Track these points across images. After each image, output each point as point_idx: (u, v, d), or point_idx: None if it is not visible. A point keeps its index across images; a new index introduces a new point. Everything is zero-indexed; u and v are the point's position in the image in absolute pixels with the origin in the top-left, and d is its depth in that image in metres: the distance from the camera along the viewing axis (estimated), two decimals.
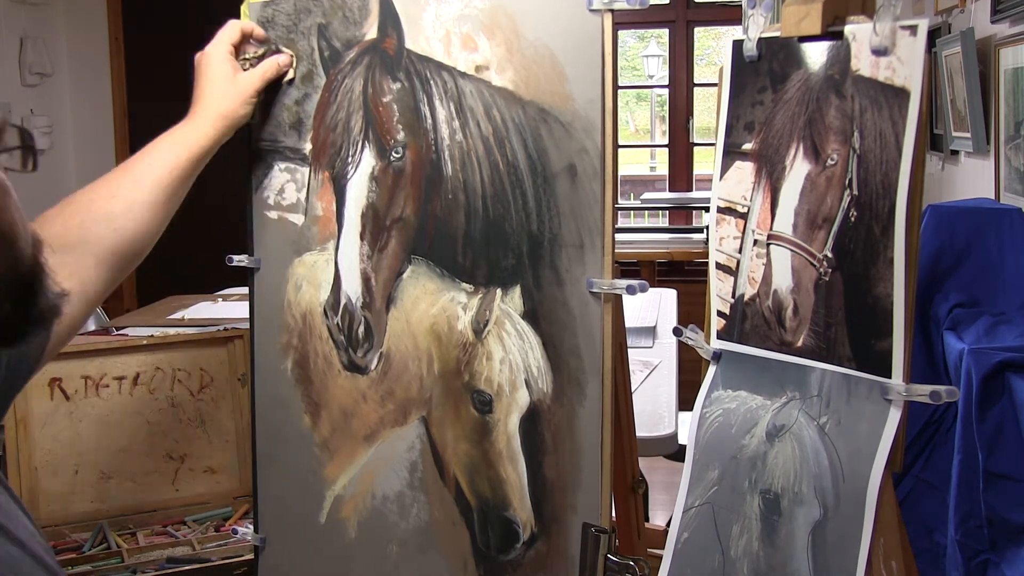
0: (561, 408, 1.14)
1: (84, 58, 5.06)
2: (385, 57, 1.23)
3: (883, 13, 0.98)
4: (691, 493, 1.19)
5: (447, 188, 1.19)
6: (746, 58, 1.14)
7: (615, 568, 1.11)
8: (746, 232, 1.15)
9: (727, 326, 1.18)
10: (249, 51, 1.29)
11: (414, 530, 1.26)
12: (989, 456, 1.71)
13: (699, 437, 1.20)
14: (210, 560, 1.54)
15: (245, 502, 1.72)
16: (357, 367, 1.27)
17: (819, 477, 1.06)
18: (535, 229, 1.14)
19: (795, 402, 1.10)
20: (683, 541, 1.19)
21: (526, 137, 1.14)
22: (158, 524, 1.69)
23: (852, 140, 1.03)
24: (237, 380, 1.76)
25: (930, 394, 0.98)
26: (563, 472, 1.14)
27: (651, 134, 9.15)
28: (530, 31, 1.13)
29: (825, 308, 1.06)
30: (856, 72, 1.02)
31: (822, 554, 1.05)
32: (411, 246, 1.23)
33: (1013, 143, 2.52)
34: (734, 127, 1.16)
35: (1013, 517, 1.70)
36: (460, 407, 1.20)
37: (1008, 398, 1.71)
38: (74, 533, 1.64)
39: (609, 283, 1.10)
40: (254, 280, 1.36)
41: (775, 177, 1.11)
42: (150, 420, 1.72)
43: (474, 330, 1.19)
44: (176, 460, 1.73)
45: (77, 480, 1.67)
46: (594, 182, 1.10)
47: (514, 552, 1.19)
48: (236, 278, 1.51)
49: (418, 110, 1.21)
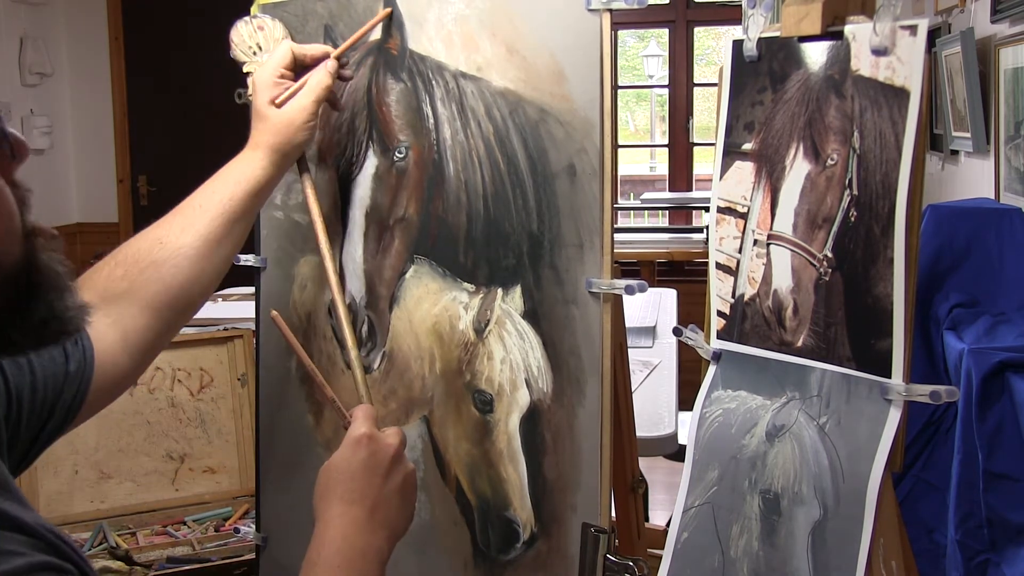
0: (561, 408, 1.14)
1: (84, 58, 5.06)
2: (389, 58, 1.23)
3: (883, 13, 0.98)
4: (691, 493, 1.19)
5: (449, 188, 1.19)
6: (746, 58, 1.14)
7: (615, 568, 1.11)
8: (746, 232, 1.15)
9: (727, 326, 1.18)
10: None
11: (415, 529, 1.26)
12: (989, 456, 1.71)
13: (699, 437, 1.20)
14: (210, 560, 1.55)
15: (245, 502, 1.72)
16: None
17: (819, 477, 1.06)
18: (535, 229, 1.14)
19: (795, 402, 1.10)
20: (683, 541, 1.19)
21: (526, 137, 1.14)
22: (158, 524, 1.69)
23: (852, 140, 1.03)
24: (237, 380, 1.76)
25: (930, 394, 0.98)
26: (563, 472, 1.14)
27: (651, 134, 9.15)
28: (530, 31, 1.13)
29: (825, 308, 1.06)
30: (856, 72, 1.02)
31: (822, 554, 1.05)
32: (414, 246, 1.23)
33: (1013, 143, 2.52)
34: (734, 127, 1.16)
35: (1013, 517, 1.70)
36: (461, 407, 1.20)
37: (1008, 398, 1.71)
38: (74, 533, 1.64)
39: (609, 283, 1.10)
40: (260, 279, 1.36)
41: (775, 177, 1.11)
42: (150, 420, 1.72)
43: (475, 330, 1.19)
44: (176, 460, 1.73)
45: (77, 480, 1.67)
46: (593, 182, 1.10)
47: (514, 552, 1.19)
48: (236, 278, 1.51)
49: (420, 110, 1.21)
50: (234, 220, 1.11)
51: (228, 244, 1.12)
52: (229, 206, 1.11)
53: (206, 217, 1.10)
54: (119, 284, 1.05)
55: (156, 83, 5.06)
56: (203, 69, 4.67)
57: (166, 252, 1.07)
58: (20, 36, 4.64)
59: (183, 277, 1.08)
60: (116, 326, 1.02)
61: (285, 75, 1.15)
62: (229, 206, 1.11)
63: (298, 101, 1.14)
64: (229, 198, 1.11)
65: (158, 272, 1.06)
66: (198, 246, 1.09)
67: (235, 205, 1.11)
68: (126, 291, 1.05)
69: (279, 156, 1.14)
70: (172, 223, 1.10)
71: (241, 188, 1.12)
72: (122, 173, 5.13)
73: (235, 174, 1.13)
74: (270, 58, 1.17)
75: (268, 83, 1.14)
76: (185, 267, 1.08)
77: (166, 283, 1.06)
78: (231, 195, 1.11)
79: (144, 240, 1.09)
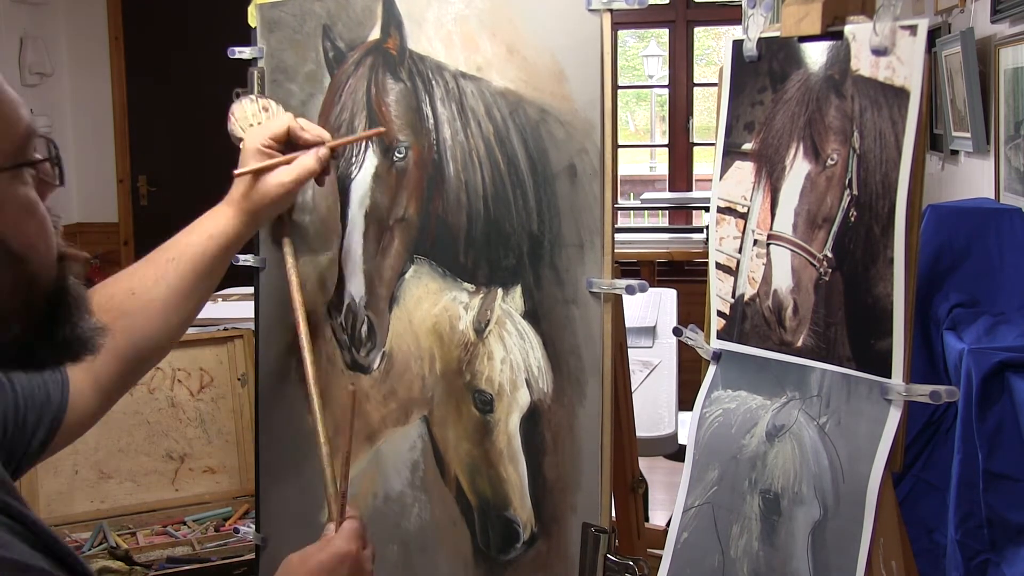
0: (561, 408, 1.14)
1: (84, 58, 5.06)
2: (388, 57, 1.23)
3: (883, 13, 0.98)
4: (691, 493, 1.19)
5: (449, 188, 1.19)
6: (746, 58, 1.14)
7: (615, 568, 1.11)
8: (746, 232, 1.15)
9: (727, 326, 1.18)
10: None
11: (415, 529, 1.26)
12: (989, 456, 1.71)
13: (699, 437, 1.20)
14: (210, 560, 1.55)
15: (245, 502, 1.72)
16: (360, 366, 1.27)
17: (819, 477, 1.06)
18: (535, 229, 1.14)
19: (795, 402, 1.10)
20: (683, 541, 1.19)
21: (526, 137, 1.14)
22: (158, 524, 1.69)
23: (852, 140, 1.03)
24: (237, 380, 1.76)
25: (930, 394, 0.98)
26: (563, 472, 1.14)
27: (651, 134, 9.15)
28: (530, 31, 1.13)
29: (825, 308, 1.06)
30: (856, 72, 1.02)
31: (822, 554, 1.05)
32: (413, 246, 1.23)
33: (1013, 143, 2.52)
34: (734, 127, 1.16)
35: (1013, 517, 1.70)
36: (461, 407, 1.20)
37: (1008, 398, 1.71)
38: (74, 533, 1.64)
39: (609, 283, 1.10)
40: (259, 280, 1.36)
41: (775, 177, 1.11)
42: (150, 420, 1.72)
43: (475, 330, 1.19)
44: (176, 460, 1.73)
45: (77, 480, 1.67)
46: (594, 182, 1.10)
47: (514, 552, 1.19)
48: (236, 278, 1.51)
49: (420, 110, 1.21)
50: (204, 274, 1.14)
51: (196, 297, 1.15)
52: (201, 260, 1.13)
53: (178, 270, 1.12)
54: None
55: (156, 83, 5.06)
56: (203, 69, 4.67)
57: (138, 303, 1.10)
58: (20, 36, 4.64)
59: (153, 328, 1.11)
60: (89, 369, 1.04)
61: (273, 146, 1.17)
62: (201, 260, 1.13)
63: (278, 177, 1.16)
64: (201, 252, 1.13)
65: (130, 324, 1.09)
66: (168, 298, 1.11)
67: (206, 260, 1.14)
68: None
69: (250, 217, 1.17)
70: (145, 274, 1.12)
71: (214, 243, 1.14)
72: (122, 173, 5.13)
73: (208, 227, 1.15)
74: (267, 124, 1.19)
75: (254, 149, 1.16)
76: (155, 319, 1.11)
77: (138, 334, 1.10)
78: (204, 250, 1.14)
79: (117, 288, 1.11)
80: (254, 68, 1.32)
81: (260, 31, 1.33)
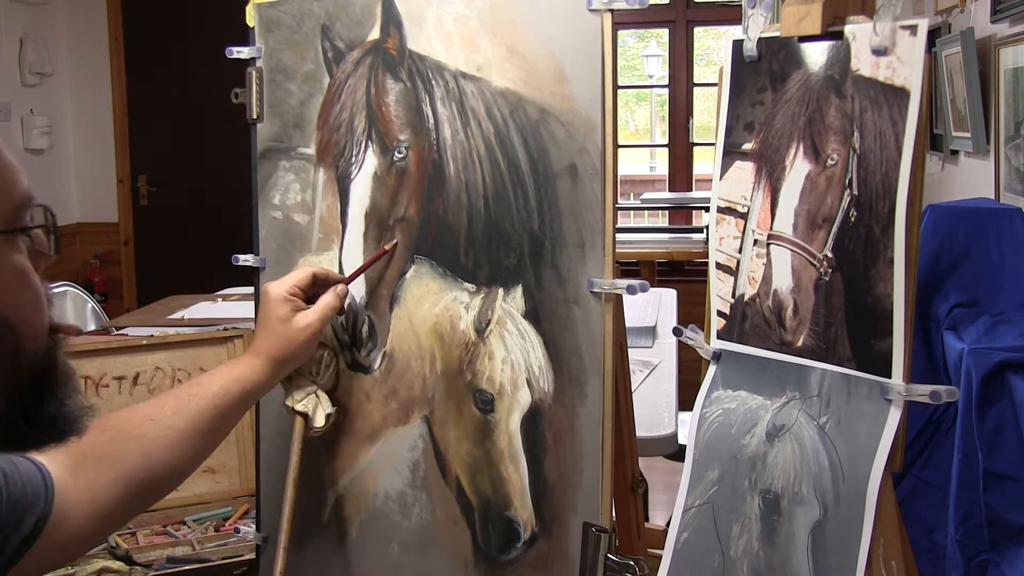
0: (562, 408, 1.14)
1: (84, 58, 5.06)
2: (388, 57, 1.23)
3: (883, 13, 0.98)
4: (691, 493, 1.19)
5: (449, 188, 1.20)
6: (746, 58, 1.14)
7: (615, 568, 1.11)
8: (746, 232, 1.15)
9: (727, 326, 1.18)
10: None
11: (416, 529, 1.26)
12: (989, 456, 1.71)
13: (699, 437, 1.20)
14: (210, 560, 1.55)
15: (245, 502, 1.72)
16: (361, 366, 1.27)
17: (819, 477, 1.06)
18: (536, 229, 1.14)
19: (795, 402, 1.10)
20: (683, 541, 1.19)
21: (527, 137, 1.14)
22: (158, 524, 1.69)
23: (852, 140, 1.03)
24: None
25: (930, 394, 0.99)
26: (564, 472, 1.14)
27: (651, 134, 9.15)
28: (530, 31, 1.13)
29: (825, 308, 1.06)
30: (856, 72, 1.02)
31: (822, 554, 1.05)
32: (414, 246, 1.23)
33: (1013, 143, 2.52)
34: (734, 127, 1.16)
35: (1013, 517, 1.70)
36: (462, 406, 1.20)
37: (1008, 398, 1.72)
38: None
39: (610, 283, 1.10)
40: (259, 280, 1.36)
41: (775, 177, 1.11)
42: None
43: (476, 330, 1.19)
44: None
45: None
46: (594, 182, 1.10)
47: (515, 552, 1.19)
48: (236, 278, 1.51)
49: (420, 110, 1.21)
50: (223, 415, 1.14)
51: (211, 436, 1.14)
52: (223, 401, 1.14)
53: (199, 406, 1.12)
54: (103, 448, 1.05)
55: (156, 83, 5.06)
56: (203, 69, 4.68)
57: (155, 429, 1.09)
58: (20, 36, 4.64)
59: (167, 456, 1.09)
60: (89, 489, 1.01)
61: (297, 294, 1.20)
62: (223, 401, 1.14)
63: (304, 319, 1.19)
64: (224, 393, 1.14)
65: (143, 447, 1.07)
66: (185, 429, 1.11)
67: (228, 401, 1.14)
68: (107, 455, 1.05)
69: (277, 366, 1.19)
70: (165, 404, 1.12)
71: (238, 386, 1.15)
72: (122, 173, 5.13)
73: (234, 373, 1.16)
74: (288, 275, 1.22)
75: (280, 298, 1.19)
76: (170, 448, 1.09)
77: (148, 460, 1.07)
78: (226, 391, 1.14)
79: (136, 413, 1.11)
80: (252, 68, 1.32)
81: (258, 31, 1.33)
